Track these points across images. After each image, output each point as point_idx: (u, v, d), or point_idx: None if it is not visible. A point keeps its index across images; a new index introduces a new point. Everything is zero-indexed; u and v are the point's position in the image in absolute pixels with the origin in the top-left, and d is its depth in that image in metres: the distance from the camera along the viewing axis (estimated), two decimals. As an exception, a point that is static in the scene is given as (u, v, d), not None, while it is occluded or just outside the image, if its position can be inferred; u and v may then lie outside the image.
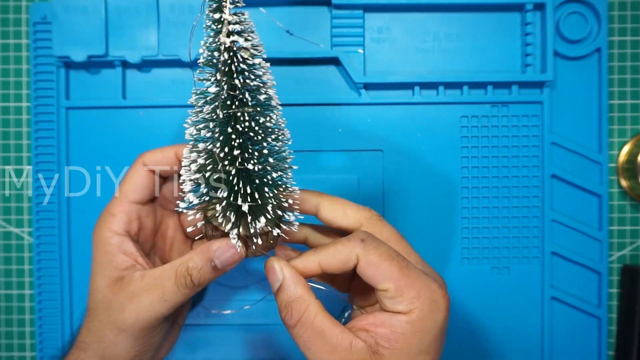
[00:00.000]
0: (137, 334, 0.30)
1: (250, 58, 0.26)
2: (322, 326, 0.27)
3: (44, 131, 0.43)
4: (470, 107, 0.43)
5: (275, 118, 0.28)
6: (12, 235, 0.45)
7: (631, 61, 0.44)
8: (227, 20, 0.25)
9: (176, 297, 0.30)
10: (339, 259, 0.28)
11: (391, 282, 0.27)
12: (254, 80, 0.27)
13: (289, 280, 0.29)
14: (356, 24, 0.42)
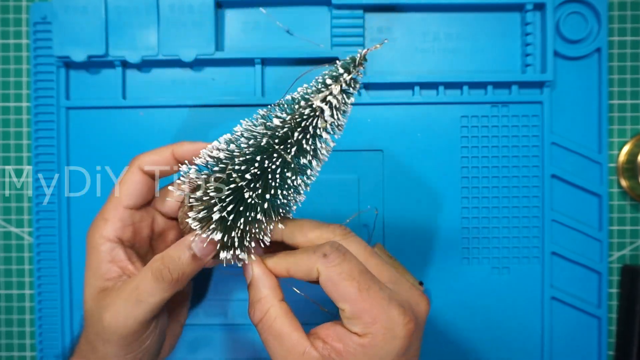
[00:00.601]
0: (123, 343, 0.29)
1: (322, 129, 0.27)
2: (281, 330, 0.28)
3: (44, 131, 0.43)
4: (470, 107, 0.43)
5: (299, 183, 0.29)
6: (12, 235, 0.45)
7: (631, 61, 0.44)
8: (332, 92, 0.26)
9: (153, 295, 0.29)
10: (302, 270, 0.28)
11: (347, 303, 0.27)
12: (309, 145, 0.27)
13: (257, 279, 0.29)
14: (356, 24, 0.42)
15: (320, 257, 0.27)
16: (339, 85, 0.26)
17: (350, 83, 0.26)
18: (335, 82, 0.26)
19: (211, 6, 0.41)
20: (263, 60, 0.42)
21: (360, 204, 0.43)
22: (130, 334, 0.29)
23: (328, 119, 0.26)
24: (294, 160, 0.27)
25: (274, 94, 0.43)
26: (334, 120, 0.27)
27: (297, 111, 0.27)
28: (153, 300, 0.29)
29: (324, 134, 0.27)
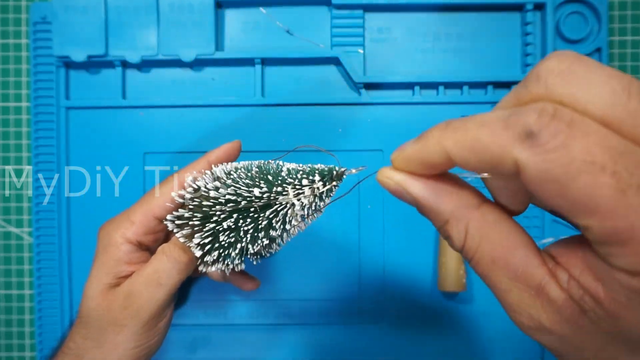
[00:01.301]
0: (140, 328, 0.30)
1: (290, 217, 0.28)
2: (494, 254, 0.18)
3: (44, 131, 0.43)
4: (470, 107, 0.43)
5: (269, 244, 0.30)
6: (12, 235, 0.45)
7: (631, 61, 0.44)
8: (305, 193, 0.27)
9: (171, 277, 0.30)
10: (479, 158, 0.16)
11: (596, 216, 0.14)
12: (278, 225, 0.28)
13: (424, 200, 0.20)
14: (356, 24, 0.42)
15: (519, 140, 0.15)
16: (312, 190, 0.27)
17: (323, 193, 0.27)
18: (309, 186, 0.27)
19: (211, 6, 0.41)
20: (263, 60, 0.42)
21: (361, 204, 0.43)
22: (151, 317, 0.30)
23: (298, 212, 0.27)
24: (266, 229, 0.28)
25: (274, 94, 0.43)
26: (305, 213, 0.27)
27: (274, 192, 0.27)
28: (171, 282, 0.30)
29: (294, 221, 0.28)
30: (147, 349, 0.32)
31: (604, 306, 0.15)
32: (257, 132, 0.43)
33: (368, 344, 0.43)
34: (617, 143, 0.14)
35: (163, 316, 0.32)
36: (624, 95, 0.14)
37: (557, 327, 0.17)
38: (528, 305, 0.18)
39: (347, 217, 0.43)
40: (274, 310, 0.43)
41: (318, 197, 0.27)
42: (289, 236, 0.29)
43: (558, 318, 0.16)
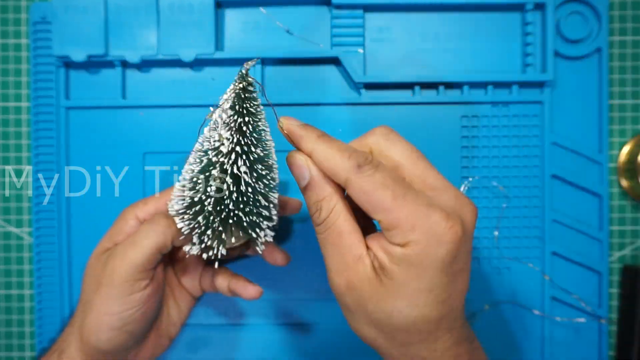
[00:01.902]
0: (114, 291, 0.32)
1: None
2: (342, 228, 0.27)
3: (44, 131, 0.43)
4: (470, 107, 0.43)
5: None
6: (12, 235, 0.45)
7: (631, 61, 0.44)
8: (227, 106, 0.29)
9: (147, 237, 0.32)
10: (331, 171, 0.27)
11: (382, 213, 0.26)
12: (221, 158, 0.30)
13: (318, 178, 0.28)
14: (356, 24, 0.42)
15: (354, 168, 0.26)
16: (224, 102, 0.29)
17: (240, 95, 0.29)
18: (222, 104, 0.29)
19: (211, 6, 0.41)
20: (263, 60, 0.42)
21: (360, 204, 0.43)
22: (123, 278, 0.32)
23: (222, 118, 0.29)
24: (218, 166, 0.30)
25: (274, 94, 0.43)
26: (224, 114, 0.29)
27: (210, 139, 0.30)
28: (147, 242, 0.32)
29: (224, 133, 0.29)
30: (122, 322, 0.32)
31: (387, 270, 0.26)
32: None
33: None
34: (396, 176, 0.26)
35: (138, 285, 0.32)
36: (412, 154, 0.28)
37: (361, 284, 0.27)
38: (347, 269, 0.27)
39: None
40: (274, 311, 0.43)
41: (236, 99, 0.29)
42: (256, 172, 0.30)
43: (364, 278, 0.27)
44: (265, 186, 0.31)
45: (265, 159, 0.30)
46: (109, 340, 0.32)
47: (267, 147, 0.31)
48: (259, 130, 0.30)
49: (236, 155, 0.29)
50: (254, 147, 0.29)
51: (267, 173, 0.31)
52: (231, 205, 0.30)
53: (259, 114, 0.29)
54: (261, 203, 0.31)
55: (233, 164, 0.29)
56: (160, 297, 0.35)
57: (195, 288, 0.39)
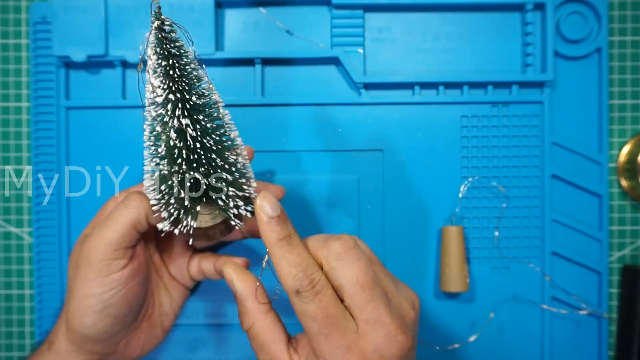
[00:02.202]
0: (91, 272, 0.31)
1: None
2: (264, 342, 0.30)
3: (44, 131, 0.43)
4: (470, 107, 0.43)
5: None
6: (12, 235, 0.45)
7: (631, 61, 0.44)
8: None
9: (121, 213, 0.31)
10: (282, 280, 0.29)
11: (308, 338, 0.29)
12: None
13: (241, 295, 0.31)
14: (356, 24, 0.42)
15: (293, 290, 0.28)
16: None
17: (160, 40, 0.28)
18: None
19: (211, 6, 0.41)
20: (263, 60, 0.42)
21: (360, 204, 0.43)
22: (99, 258, 0.31)
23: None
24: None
25: (274, 94, 0.43)
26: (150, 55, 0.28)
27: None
28: (121, 218, 0.31)
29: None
30: (103, 305, 0.32)
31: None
32: (257, 132, 0.43)
33: (368, 344, 0.43)
34: (329, 310, 0.28)
35: (116, 265, 0.32)
36: (357, 284, 0.28)
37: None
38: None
39: (347, 217, 0.43)
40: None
41: (155, 41, 0.28)
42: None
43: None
44: (216, 143, 0.29)
45: (206, 109, 0.29)
46: (93, 325, 0.32)
47: (205, 94, 0.29)
48: (189, 74, 0.28)
49: (172, 105, 0.28)
50: (188, 93, 0.28)
51: (215, 127, 0.29)
52: (184, 166, 0.29)
53: (183, 56, 0.28)
54: (217, 163, 0.29)
55: (171, 114, 0.28)
56: (143, 280, 0.34)
57: (185, 277, 0.38)
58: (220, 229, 0.32)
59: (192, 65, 0.28)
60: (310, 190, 0.43)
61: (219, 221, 0.31)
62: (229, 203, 0.30)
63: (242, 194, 0.31)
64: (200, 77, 0.29)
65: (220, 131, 0.30)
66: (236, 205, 0.31)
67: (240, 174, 0.31)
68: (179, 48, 0.28)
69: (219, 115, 0.30)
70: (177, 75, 0.28)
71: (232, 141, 0.31)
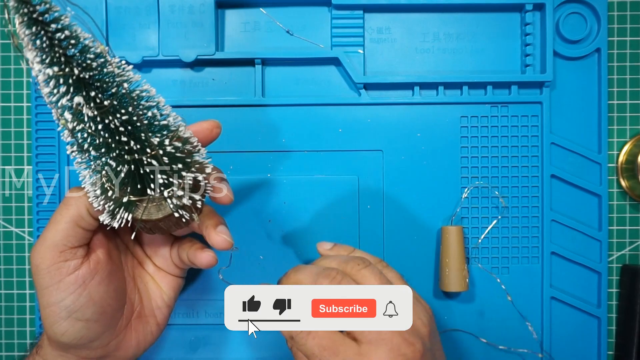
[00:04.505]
0: (43, 280, 0.30)
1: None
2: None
3: (44, 131, 0.43)
4: (470, 107, 0.43)
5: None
6: (13, 235, 0.45)
7: (631, 61, 0.44)
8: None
9: (62, 215, 0.30)
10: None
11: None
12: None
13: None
14: (356, 24, 0.42)
15: (288, 339, 0.29)
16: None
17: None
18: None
19: (211, 6, 0.41)
20: (263, 61, 0.43)
21: (360, 204, 0.43)
22: (46, 261, 0.30)
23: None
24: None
25: (274, 94, 0.43)
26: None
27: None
28: (60, 218, 0.30)
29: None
30: (67, 311, 0.30)
31: None
32: (257, 132, 0.43)
33: (368, 344, 0.43)
34: (325, 344, 0.29)
35: (67, 268, 0.30)
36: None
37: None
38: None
39: (347, 217, 0.43)
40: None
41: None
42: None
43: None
44: (125, 123, 0.26)
45: (95, 82, 0.25)
46: (66, 332, 0.30)
47: (93, 67, 0.25)
48: (64, 42, 0.24)
49: (50, 81, 0.25)
50: (66, 65, 0.24)
51: (121, 104, 0.26)
52: (93, 152, 0.26)
53: (53, 22, 0.24)
54: (132, 147, 0.26)
55: (56, 92, 0.25)
56: (106, 277, 0.32)
57: (170, 266, 0.36)
58: (173, 221, 0.29)
59: (67, 33, 0.24)
60: (310, 190, 0.43)
61: (168, 213, 0.28)
62: (159, 191, 0.27)
63: (185, 182, 0.28)
64: (85, 48, 0.25)
65: (131, 109, 0.26)
66: (175, 195, 0.27)
67: (174, 159, 0.27)
68: (44, 13, 0.23)
69: (125, 92, 0.26)
70: (47, 45, 0.24)
71: (154, 120, 0.27)
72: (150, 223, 0.28)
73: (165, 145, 0.27)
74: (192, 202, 0.28)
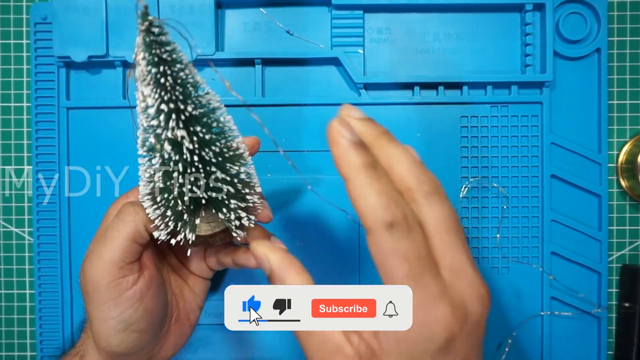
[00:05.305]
0: (101, 289, 0.30)
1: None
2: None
3: (44, 131, 0.43)
4: (470, 107, 0.43)
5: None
6: (13, 235, 0.45)
7: (630, 61, 0.44)
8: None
9: (117, 230, 0.30)
10: (360, 215, 0.25)
11: (389, 282, 0.24)
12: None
13: (278, 269, 0.28)
14: (356, 24, 0.42)
15: (384, 224, 0.23)
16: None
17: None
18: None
19: (211, 6, 0.41)
20: (263, 61, 0.43)
21: (360, 204, 0.43)
22: (103, 275, 0.30)
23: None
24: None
25: (274, 94, 0.43)
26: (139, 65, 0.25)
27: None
28: (118, 235, 0.30)
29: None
30: (125, 324, 0.31)
31: (377, 355, 0.24)
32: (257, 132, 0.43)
33: (368, 344, 0.43)
34: (422, 251, 0.24)
35: (126, 283, 0.30)
36: (446, 224, 0.25)
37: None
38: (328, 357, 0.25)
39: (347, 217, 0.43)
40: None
41: (144, 45, 0.24)
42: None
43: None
44: (216, 155, 0.27)
45: (204, 119, 0.27)
46: (121, 343, 0.31)
47: (203, 104, 0.27)
48: (184, 82, 0.25)
49: (165, 116, 0.25)
50: (182, 103, 0.25)
51: (214, 138, 0.27)
52: (180, 180, 0.27)
53: (176, 62, 0.25)
54: (218, 177, 0.28)
55: (165, 126, 0.25)
56: (159, 287, 0.33)
57: (204, 270, 0.37)
58: (220, 237, 0.31)
59: (187, 72, 0.25)
60: (310, 190, 0.43)
61: (220, 229, 0.30)
62: (230, 215, 0.29)
63: (245, 205, 0.30)
64: (197, 84, 0.26)
65: (221, 142, 0.28)
66: (238, 217, 0.29)
67: (243, 184, 0.30)
68: (171, 53, 0.25)
69: (220, 125, 0.28)
70: (170, 84, 0.25)
71: (235, 150, 0.29)
72: (200, 238, 0.30)
73: (241, 173, 0.29)
74: (248, 220, 0.30)
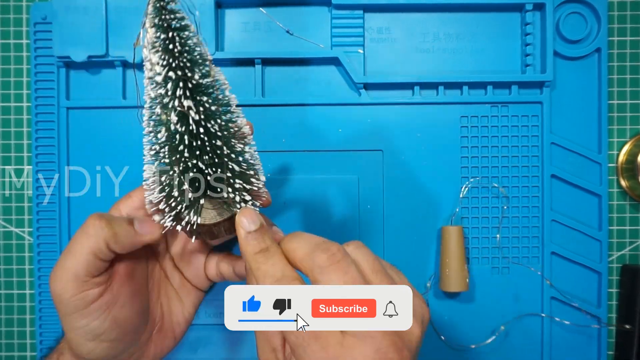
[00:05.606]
0: (66, 301, 0.29)
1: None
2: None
3: (44, 131, 0.43)
4: (470, 107, 0.43)
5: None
6: (13, 235, 0.45)
7: (631, 61, 0.44)
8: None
9: (81, 245, 0.29)
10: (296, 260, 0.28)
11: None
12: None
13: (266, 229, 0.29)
14: (356, 24, 0.42)
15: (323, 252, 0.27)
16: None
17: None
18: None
19: (211, 6, 0.41)
20: (263, 60, 0.43)
21: (360, 204, 0.43)
22: (66, 289, 0.29)
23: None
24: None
25: (274, 94, 0.43)
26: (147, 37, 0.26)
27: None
28: (79, 248, 0.29)
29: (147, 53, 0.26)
30: (93, 334, 0.30)
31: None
32: (257, 132, 0.43)
33: (368, 344, 0.43)
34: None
35: (91, 295, 0.29)
36: (374, 266, 0.28)
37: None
38: (265, 356, 0.29)
39: (347, 217, 0.43)
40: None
41: (154, 11, 0.25)
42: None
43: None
44: (222, 129, 0.27)
45: (210, 90, 0.27)
46: (91, 352, 0.30)
47: (209, 73, 0.27)
48: (191, 50, 0.26)
49: (172, 84, 0.26)
50: (190, 71, 0.26)
51: (220, 112, 0.27)
52: (186, 153, 0.27)
53: (185, 29, 0.25)
54: (223, 152, 0.27)
55: (172, 95, 0.26)
56: (131, 297, 0.32)
57: (201, 280, 0.37)
58: (225, 227, 0.30)
59: (194, 40, 0.26)
60: (311, 190, 0.43)
61: (224, 218, 0.29)
62: (235, 197, 0.28)
63: (250, 187, 0.29)
64: (203, 56, 0.27)
65: (226, 116, 0.28)
66: (243, 199, 0.29)
67: (248, 165, 0.29)
68: (180, 20, 0.25)
69: (225, 99, 0.28)
70: (178, 51, 0.25)
71: (239, 128, 0.29)
72: (205, 227, 0.29)
73: (245, 152, 0.29)
74: (253, 206, 0.30)
